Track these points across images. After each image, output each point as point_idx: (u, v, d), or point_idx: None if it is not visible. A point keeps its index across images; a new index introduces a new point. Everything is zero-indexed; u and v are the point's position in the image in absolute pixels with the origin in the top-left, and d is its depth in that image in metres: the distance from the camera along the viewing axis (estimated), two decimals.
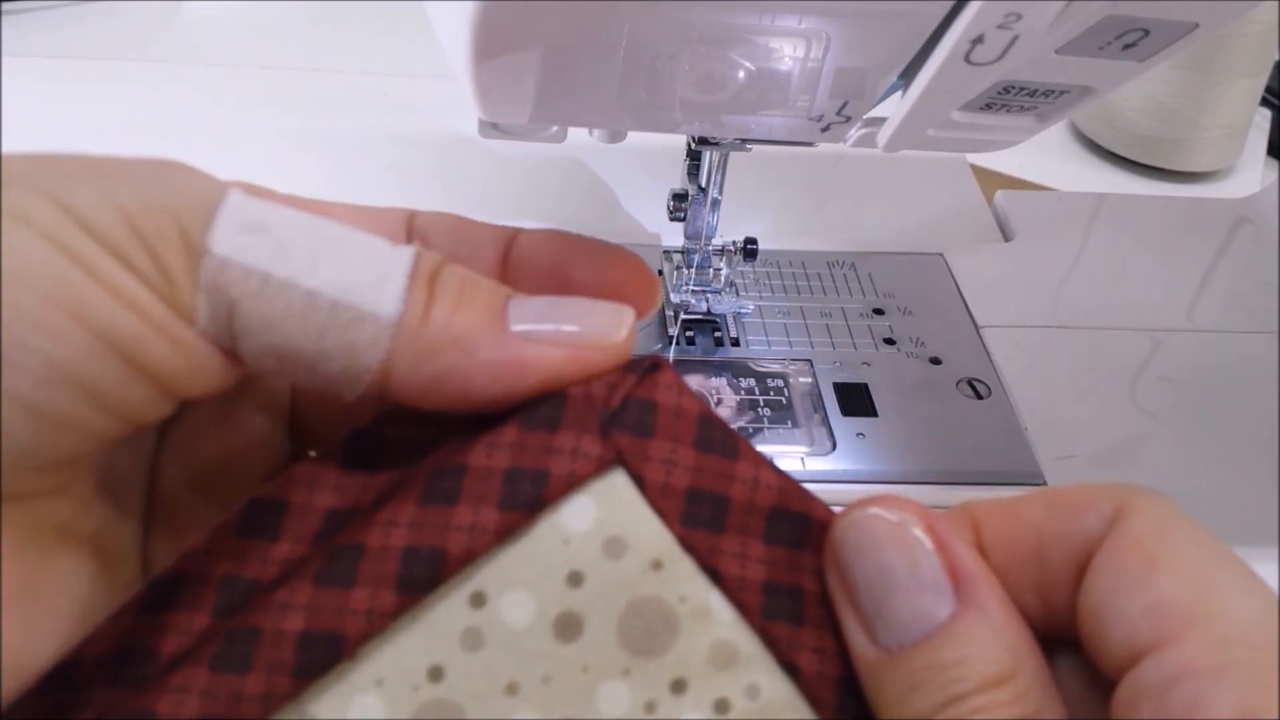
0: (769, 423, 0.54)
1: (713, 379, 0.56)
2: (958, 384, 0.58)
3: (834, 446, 0.53)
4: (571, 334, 0.25)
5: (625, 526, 0.24)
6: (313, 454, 0.27)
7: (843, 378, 0.57)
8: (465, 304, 0.24)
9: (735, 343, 0.59)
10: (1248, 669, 0.21)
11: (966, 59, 0.31)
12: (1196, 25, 0.32)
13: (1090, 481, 0.25)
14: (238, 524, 0.25)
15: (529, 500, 0.24)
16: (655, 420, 0.25)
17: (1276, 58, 0.81)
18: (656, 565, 0.24)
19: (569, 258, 0.29)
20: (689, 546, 0.24)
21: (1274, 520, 0.51)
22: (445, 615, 0.24)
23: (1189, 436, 0.56)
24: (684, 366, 0.57)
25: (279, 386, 0.30)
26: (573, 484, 0.24)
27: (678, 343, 0.58)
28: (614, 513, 0.24)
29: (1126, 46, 0.33)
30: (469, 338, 0.24)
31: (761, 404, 0.55)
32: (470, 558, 0.23)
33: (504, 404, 0.25)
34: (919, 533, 0.24)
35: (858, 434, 0.54)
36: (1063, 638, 0.24)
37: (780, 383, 0.57)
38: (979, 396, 0.57)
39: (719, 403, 0.55)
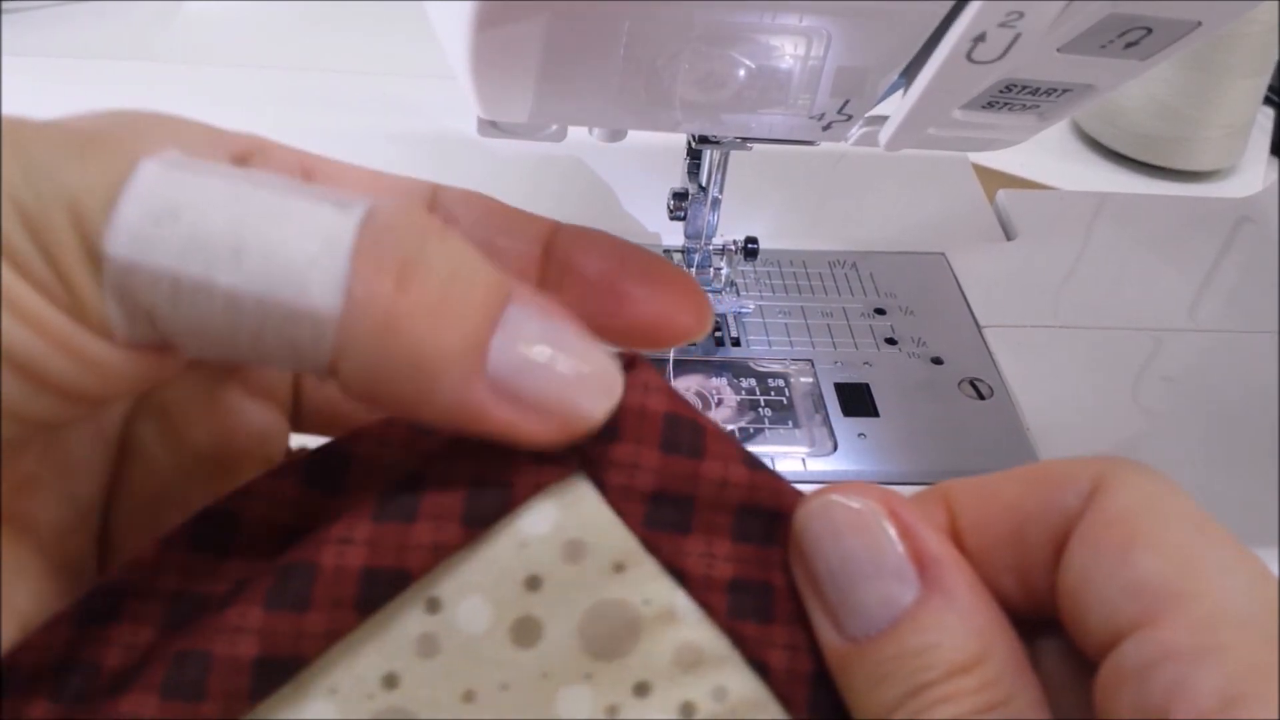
0: (770, 423, 0.54)
1: (713, 379, 0.56)
2: (959, 384, 0.58)
3: (835, 447, 0.53)
4: (552, 395, 0.22)
5: (585, 529, 0.24)
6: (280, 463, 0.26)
7: (844, 378, 0.57)
8: (446, 317, 0.20)
9: (736, 342, 0.59)
10: (1233, 650, 0.20)
11: (968, 57, 0.31)
12: (1199, 24, 0.32)
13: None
14: (188, 535, 0.24)
15: (494, 514, 0.23)
16: (619, 423, 0.24)
17: (1278, 57, 0.81)
18: (619, 568, 0.24)
19: (621, 267, 0.27)
20: (652, 548, 0.24)
21: (1275, 520, 0.50)
22: (400, 621, 0.23)
23: (1191, 436, 0.56)
24: (684, 366, 0.56)
25: (277, 373, 0.28)
26: (535, 492, 0.23)
27: None
28: (574, 516, 0.24)
29: (1129, 45, 0.33)
30: (433, 367, 0.20)
31: (762, 404, 0.55)
32: (432, 569, 0.23)
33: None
34: (881, 518, 0.23)
35: (859, 434, 0.54)
36: (1046, 619, 0.23)
37: (781, 383, 0.56)
38: (981, 396, 0.57)
39: (719, 403, 0.55)
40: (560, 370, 0.22)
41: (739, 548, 0.25)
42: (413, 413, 0.21)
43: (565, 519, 0.23)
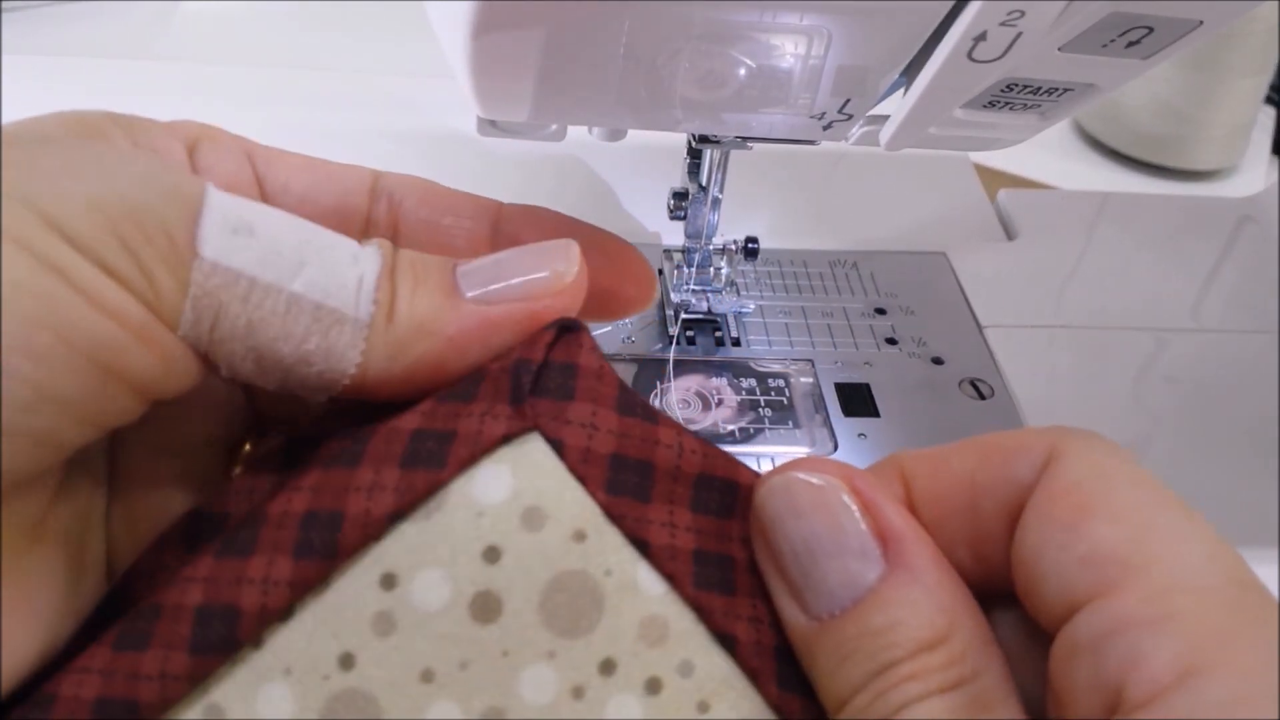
0: (770, 423, 0.54)
1: (713, 379, 0.56)
2: (960, 384, 0.57)
3: (835, 447, 0.53)
4: (527, 286, 0.25)
5: (544, 495, 0.23)
6: (248, 448, 0.27)
7: (844, 378, 0.57)
8: (421, 287, 0.24)
9: (736, 342, 0.59)
10: (1188, 619, 0.20)
11: (969, 56, 0.31)
12: (1200, 23, 0.32)
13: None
14: (181, 535, 0.24)
15: (431, 457, 0.23)
16: (576, 384, 0.24)
17: None
18: (579, 536, 0.23)
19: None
20: (614, 516, 0.23)
21: (1275, 521, 0.50)
22: (355, 598, 0.22)
23: (1192, 436, 0.56)
24: (684, 366, 0.56)
25: None
26: (481, 445, 0.23)
27: (678, 342, 0.57)
28: (531, 481, 0.23)
29: (1130, 44, 0.33)
30: (432, 320, 0.24)
31: (762, 404, 0.55)
32: (369, 520, 0.22)
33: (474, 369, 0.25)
34: (843, 495, 0.23)
35: (859, 435, 0.54)
36: (1001, 593, 0.23)
37: (781, 383, 0.56)
38: (981, 397, 0.57)
39: (719, 403, 0.55)
40: (520, 266, 0.25)
41: (699, 519, 0.24)
42: (439, 365, 0.24)
43: (522, 485, 0.23)
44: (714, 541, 0.24)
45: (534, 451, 0.23)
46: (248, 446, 0.31)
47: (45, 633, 0.23)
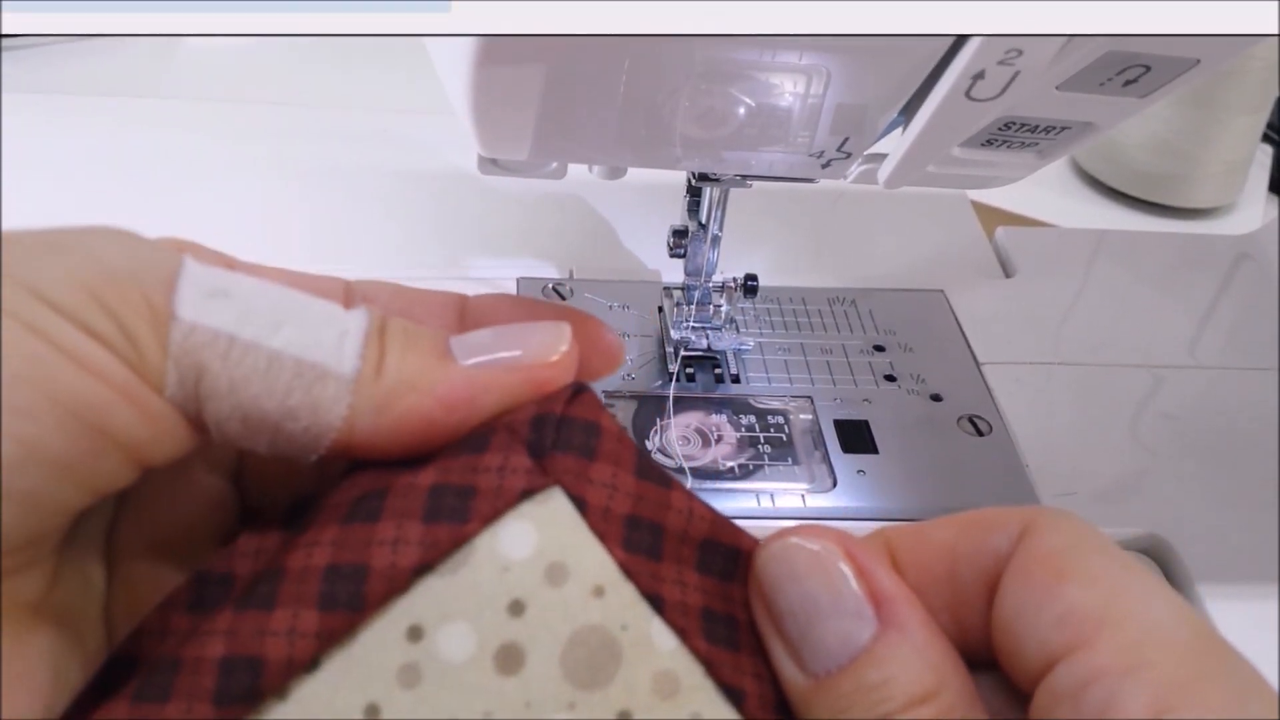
0: (769, 460, 0.54)
1: (713, 416, 0.56)
2: (959, 421, 0.57)
3: (834, 484, 0.53)
4: (516, 357, 0.26)
5: (566, 552, 0.24)
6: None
7: (843, 414, 0.57)
8: (412, 348, 0.25)
9: (735, 379, 0.59)
10: (1160, 668, 0.21)
11: (967, 95, 0.31)
12: (1197, 61, 0.32)
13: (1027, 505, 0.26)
14: (186, 599, 0.24)
15: (454, 512, 0.23)
16: (599, 444, 0.25)
17: (1277, 94, 0.81)
18: (598, 592, 0.24)
19: (533, 318, 0.29)
20: (631, 572, 0.24)
21: (1275, 558, 0.50)
22: (381, 650, 0.23)
23: (1191, 473, 0.56)
24: (684, 403, 0.56)
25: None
26: (502, 500, 0.24)
27: (678, 379, 0.57)
28: (555, 538, 0.24)
29: (1127, 83, 0.33)
30: (421, 378, 0.25)
31: (762, 441, 0.55)
32: (394, 573, 0.23)
33: (464, 433, 0.25)
34: (838, 560, 0.25)
35: (858, 471, 0.54)
36: (978, 660, 0.25)
37: (781, 419, 0.56)
38: (980, 434, 0.57)
39: (719, 439, 0.54)
40: (512, 340, 0.26)
41: (704, 579, 0.25)
42: (425, 423, 0.25)
43: (546, 541, 0.24)
44: (719, 601, 0.25)
45: (557, 509, 0.24)
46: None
47: (43, 711, 0.23)
